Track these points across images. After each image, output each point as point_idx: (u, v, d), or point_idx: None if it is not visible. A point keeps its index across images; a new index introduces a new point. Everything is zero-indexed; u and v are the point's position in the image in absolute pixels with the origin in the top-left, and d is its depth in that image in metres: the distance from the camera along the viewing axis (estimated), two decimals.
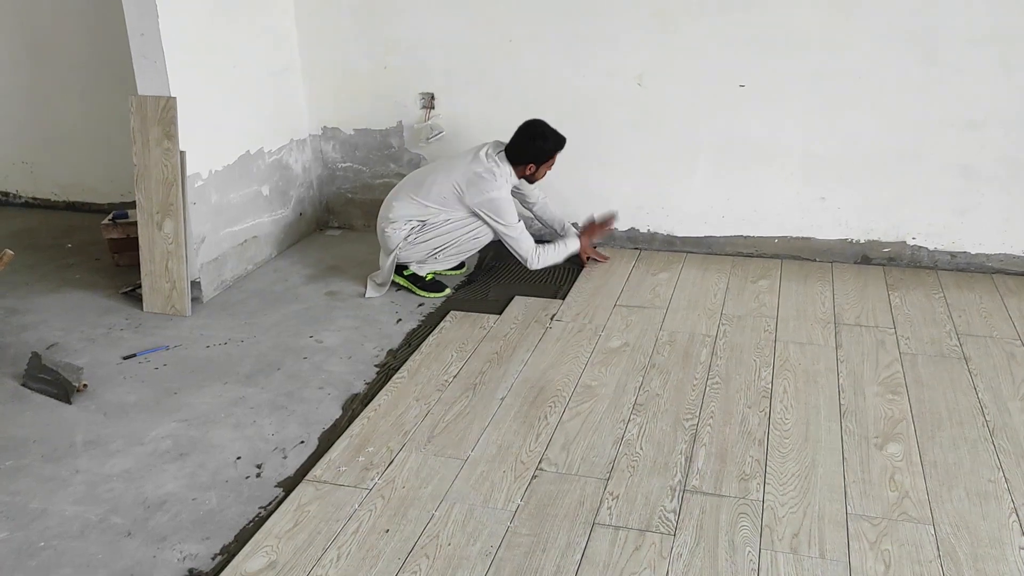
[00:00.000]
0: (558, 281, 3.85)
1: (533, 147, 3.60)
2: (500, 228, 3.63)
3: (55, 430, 2.79)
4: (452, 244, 3.69)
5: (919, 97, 3.68)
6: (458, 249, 3.72)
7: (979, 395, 2.88)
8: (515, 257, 3.74)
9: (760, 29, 3.74)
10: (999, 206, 3.77)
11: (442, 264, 3.78)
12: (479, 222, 3.64)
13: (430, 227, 3.65)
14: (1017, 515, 2.30)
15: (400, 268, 3.79)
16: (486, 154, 3.62)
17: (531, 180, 3.73)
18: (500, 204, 3.58)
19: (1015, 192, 3.73)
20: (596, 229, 4.01)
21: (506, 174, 3.63)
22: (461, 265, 3.94)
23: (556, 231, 4.02)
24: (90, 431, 2.78)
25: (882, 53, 3.65)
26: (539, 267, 3.73)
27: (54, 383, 2.98)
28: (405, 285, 3.79)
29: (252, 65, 3.97)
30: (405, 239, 3.67)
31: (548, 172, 3.72)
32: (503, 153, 3.64)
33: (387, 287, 3.78)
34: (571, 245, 3.86)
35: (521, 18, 3.98)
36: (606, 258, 4.08)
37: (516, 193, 3.83)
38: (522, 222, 3.68)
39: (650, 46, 3.88)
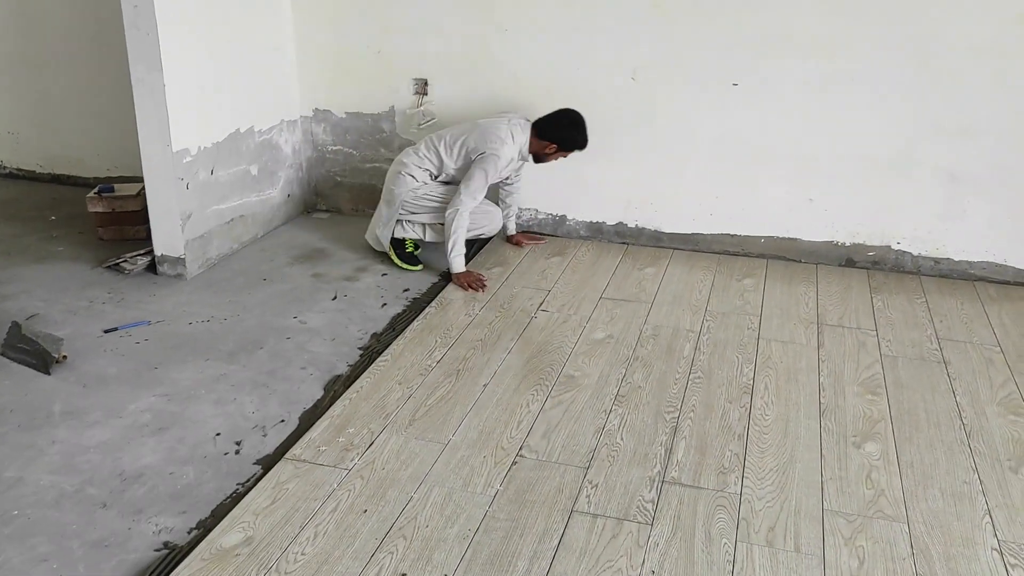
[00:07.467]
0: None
1: (567, 132, 3.72)
2: (467, 179, 3.63)
3: (33, 399, 2.77)
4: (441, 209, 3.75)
5: (912, 103, 3.70)
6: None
7: (957, 399, 2.90)
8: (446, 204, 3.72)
9: (757, 29, 3.74)
10: (984, 215, 3.80)
11: (427, 235, 3.87)
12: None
13: (437, 183, 3.79)
14: (991, 516, 2.33)
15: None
16: (511, 121, 3.75)
17: (539, 158, 3.79)
18: (491, 162, 3.63)
19: (1000, 201, 3.75)
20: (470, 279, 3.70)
21: (520, 144, 3.72)
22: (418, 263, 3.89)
23: (508, 214, 4.12)
24: (68, 402, 2.76)
25: (877, 58, 3.67)
26: (448, 227, 3.63)
27: (33, 353, 2.95)
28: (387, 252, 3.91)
29: (246, 43, 3.94)
30: (412, 190, 3.75)
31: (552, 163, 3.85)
32: (528, 125, 3.75)
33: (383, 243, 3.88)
34: (456, 263, 3.67)
35: (517, 7, 3.97)
36: (540, 241, 4.22)
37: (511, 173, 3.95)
38: (478, 201, 3.69)
39: (646, 40, 3.88)
